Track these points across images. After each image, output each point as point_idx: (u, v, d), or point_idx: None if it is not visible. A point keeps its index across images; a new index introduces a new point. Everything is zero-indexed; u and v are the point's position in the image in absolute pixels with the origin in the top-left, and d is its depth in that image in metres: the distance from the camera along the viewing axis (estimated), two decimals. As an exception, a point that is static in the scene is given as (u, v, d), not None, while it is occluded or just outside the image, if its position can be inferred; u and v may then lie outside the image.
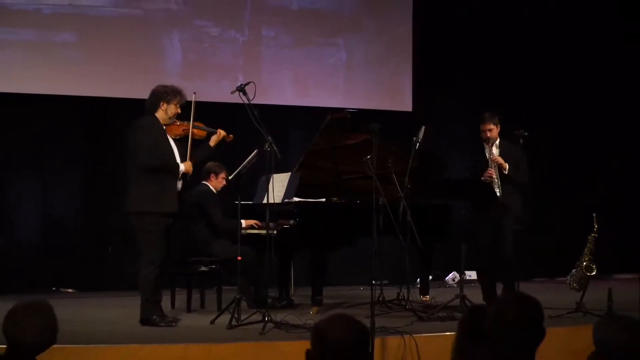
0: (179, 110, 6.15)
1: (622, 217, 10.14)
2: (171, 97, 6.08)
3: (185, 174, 6.14)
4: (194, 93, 6.21)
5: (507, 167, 6.85)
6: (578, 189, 10.07)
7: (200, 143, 6.32)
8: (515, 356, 2.73)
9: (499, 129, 7.00)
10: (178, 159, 6.12)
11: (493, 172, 6.85)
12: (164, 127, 6.12)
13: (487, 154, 6.94)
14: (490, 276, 7.04)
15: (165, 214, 6.01)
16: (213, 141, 6.32)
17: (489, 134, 6.95)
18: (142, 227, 6.00)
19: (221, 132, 6.33)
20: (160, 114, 6.10)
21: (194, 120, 6.21)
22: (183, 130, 6.21)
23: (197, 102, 6.22)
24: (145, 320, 6.01)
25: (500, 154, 6.93)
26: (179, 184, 6.16)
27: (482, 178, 6.87)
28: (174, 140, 6.19)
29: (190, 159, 6.17)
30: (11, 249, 8.56)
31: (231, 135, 6.41)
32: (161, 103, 6.08)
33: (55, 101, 8.59)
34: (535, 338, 2.75)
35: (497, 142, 6.99)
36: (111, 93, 8.68)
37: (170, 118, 6.13)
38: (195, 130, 6.24)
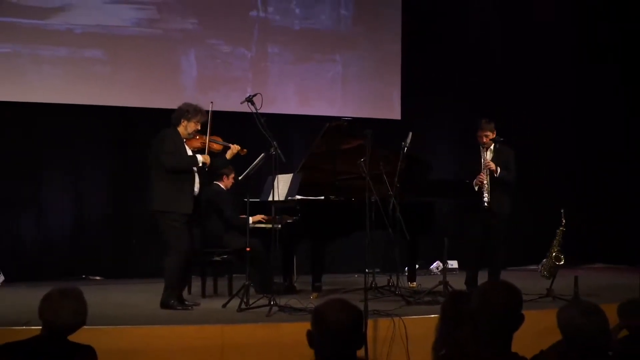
0: (199, 127, 6.15)
1: (588, 212, 10.11)
2: (192, 115, 6.09)
3: (204, 164, 6.13)
4: (211, 102, 6.19)
5: (499, 171, 6.80)
6: (549, 187, 10.05)
7: (216, 155, 6.32)
8: (496, 337, 2.72)
9: (494, 135, 6.95)
10: (195, 169, 6.12)
11: (484, 177, 6.79)
12: (184, 140, 6.14)
13: (482, 159, 6.86)
14: (475, 266, 7.01)
15: (182, 214, 6.01)
16: (229, 155, 6.31)
17: (485, 140, 6.90)
18: (166, 223, 6.00)
19: (236, 147, 6.31)
20: (180, 129, 6.12)
21: (211, 135, 6.20)
22: (201, 143, 6.21)
23: (213, 112, 6.20)
24: (164, 304, 6.00)
25: (494, 158, 6.88)
26: (196, 187, 6.14)
27: (474, 183, 6.83)
28: (192, 152, 6.17)
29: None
30: (46, 242, 8.57)
31: (245, 150, 6.39)
32: (182, 120, 6.10)
33: (86, 110, 8.57)
34: (516, 322, 2.73)
35: (492, 147, 6.95)
36: (134, 103, 8.70)
37: (189, 134, 6.14)
38: (212, 144, 6.24)
